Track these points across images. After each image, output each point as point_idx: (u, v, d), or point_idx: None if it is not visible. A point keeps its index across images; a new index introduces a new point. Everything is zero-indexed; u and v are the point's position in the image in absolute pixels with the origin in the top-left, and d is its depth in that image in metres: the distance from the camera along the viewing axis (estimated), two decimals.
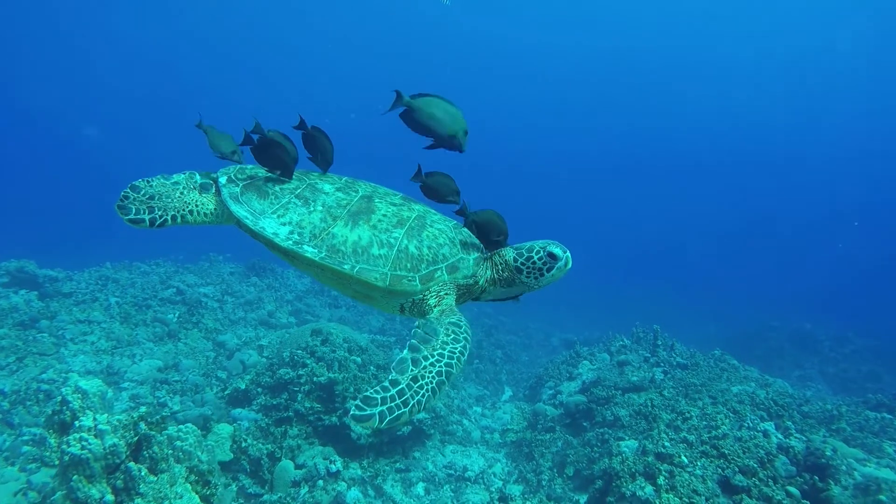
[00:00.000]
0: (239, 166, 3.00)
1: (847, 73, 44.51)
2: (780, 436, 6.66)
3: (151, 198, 2.79)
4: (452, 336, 2.52)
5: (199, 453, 4.17)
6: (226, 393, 7.42)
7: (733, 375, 9.21)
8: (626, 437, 6.98)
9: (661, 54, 47.59)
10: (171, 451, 3.93)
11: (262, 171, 2.92)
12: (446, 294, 2.72)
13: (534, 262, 2.75)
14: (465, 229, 2.89)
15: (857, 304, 23.24)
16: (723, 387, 8.44)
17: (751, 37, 44.23)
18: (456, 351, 2.47)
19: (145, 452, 3.80)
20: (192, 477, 4.06)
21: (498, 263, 2.86)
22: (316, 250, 2.57)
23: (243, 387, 7.25)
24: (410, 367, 2.35)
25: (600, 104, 53.33)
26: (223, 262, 14.55)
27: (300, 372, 7.14)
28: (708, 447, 5.91)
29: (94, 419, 3.73)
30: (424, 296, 2.68)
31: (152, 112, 48.69)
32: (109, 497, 3.53)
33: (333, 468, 6.16)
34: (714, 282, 31.07)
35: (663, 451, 5.75)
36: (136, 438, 3.81)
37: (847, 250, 39.25)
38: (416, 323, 2.59)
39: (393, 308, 2.82)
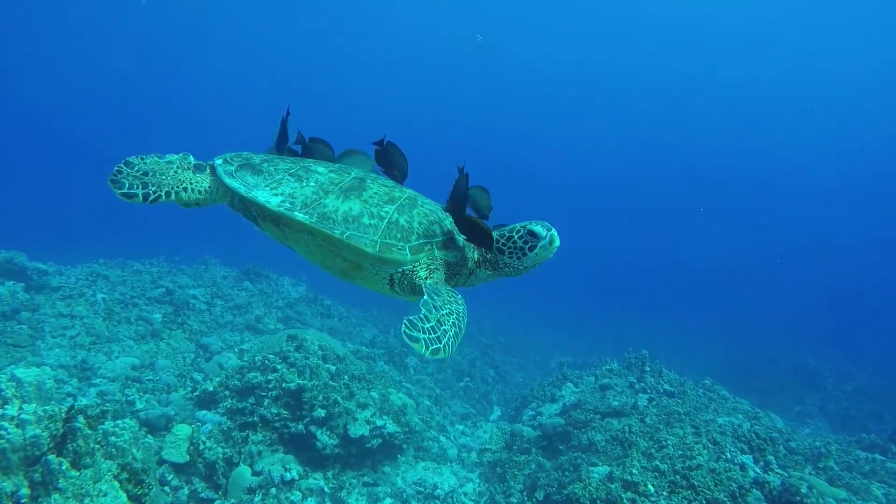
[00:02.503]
0: (234, 152, 3.10)
1: (849, 94, 44.29)
2: (758, 470, 6.41)
3: (145, 174, 2.83)
4: (454, 298, 2.59)
5: (135, 451, 4.04)
6: (194, 394, 7.29)
7: (722, 406, 8.93)
8: (600, 463, 6.74)
9: (662, 72, 47.93)
10: (98, 446, 3.80)
11: (256, 157, 3.02)
12: (436, 269, 2.75)
13: (514, 242, 2.75)
14: None
15: (863, 340, 22.68)
16: (708, 417, 8.18)
17: (754, 56, 44.38)
18: (461, 311, 2.54)
19: (69, 446, 3.68)
20: (124, 475, 3.92)
21: None
22: (307, 216, 2.61)
23: (211, 389, 7.13)
24: (433, 310, 2.41)
25: (602, 124, 53.62)
26: (218, 266, 14.52)
27: (269, 377, 7.01)
28: (679, 477, 5.68)
29: (21, 408, 3.62)
30: (414, 267, 2.69)
31: (152, 105, 49.44)
32: (25, 490, 3.41)
33: (288, 476, 6.00)
34: (719, 309, 30.57)
35: (630, 478, 5.54)
36: (61, 431, 3.69)
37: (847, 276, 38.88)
38: (423, 283, 2.64)
39: (382, 280, 2.81)
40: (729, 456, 6.71)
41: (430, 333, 2.28)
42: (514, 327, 22.48)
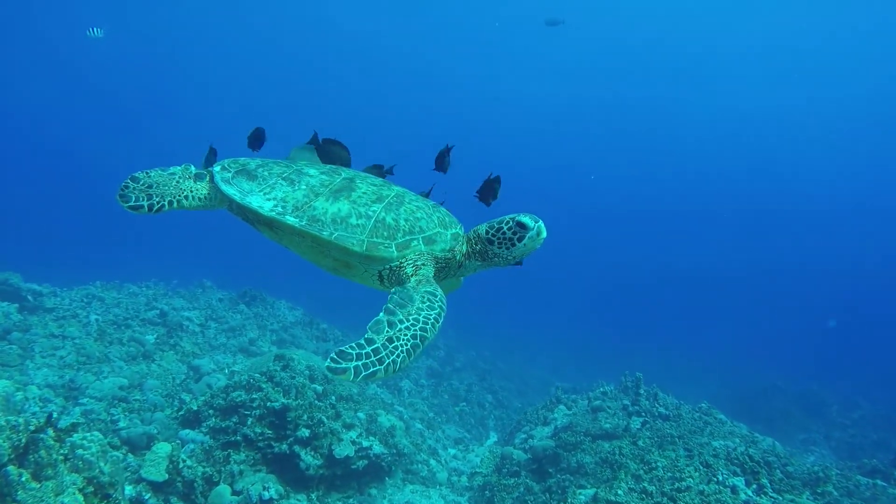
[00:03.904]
0: (232, 158, 3.27)
1: (853, 126, 44.62)
2: (750, 493, 6.24)
3: (150, 186, 3.02)
4: (427, 303, 2.60)
5: (102, 464, 3.98)
6: (179, 413, 7.23)
7: (718, 430, 8.77)
8: (588, 486, 6.60)
9: (660, 101, 48.30)
10: (62, 458, 3.75)
11: (252, 163, 3.17)
12: (423, 265, 2.85)
13: (503, 233, 2.83)
14: (443, 208, 3.12)
15: (868, 368, 22.32)
16: (703, 440, 8.01)
17: (751, 86, 44.99)
18: (430, 317, 2.54)
19: (31, 457, 3.63)
20: (89, 488, 3.86)
21: (472, 238, 3.00)
22: (297, 220, 2.75)
23: (195, 408, 7.07)
24: (386, 328, 2.43)
25: (601, 152, 53.98)
26: (215, 289, 14.53)
27: (254, 396, 6.94)
28: (666, 499, 5.54)
29: None
30: (401, 263, 2.80)
31: (149, 119, 49.99)
32: None
33: (266, 495, 5.89)
34: (722, 336, 30.25)
35: (614, 499, 5.42)
36: (24, 442, 3.65)
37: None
38: (393, 290, 2.69)
39: (372, 277, 2.93)
40: (720, 478, 6.54)
41: (368, 357, 2.28)
42: (515, 354, 22.30)
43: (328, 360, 2.24)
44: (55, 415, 4.09)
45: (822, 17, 37.42)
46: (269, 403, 6.85)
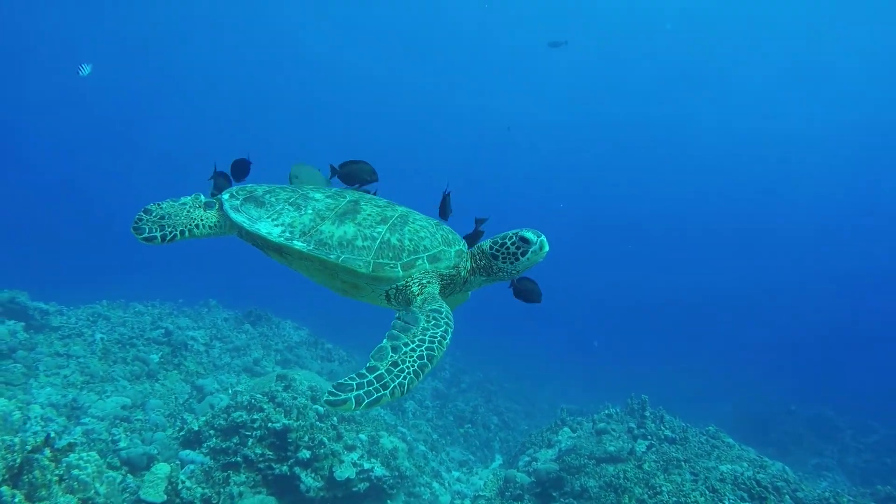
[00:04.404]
0: (239, 185, 3.38)
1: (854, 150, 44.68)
2: None
3: (162, 217, 3.16)
4: (433, 322, 2.62)
5: (98, 485, 3.97)
6: (180, 434, 7.20)
7: (725, 454, 8.60)
8: None
9: (671, 118, 48.49)
10: (56, 478, 3.73)
11: (259, 189, 3.26)
12: (429, 282, 2.90)
13: (507, 248, 2.92)
14: (447, 226, 3.20)
15: (882, 391, 21.89)
16: (710, 464, 7.88)
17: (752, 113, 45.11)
18: (437, 335, 2.56)
19: (25, 477, 3.61)
20: None
21: (476, 254, 3.09)
22: (305, 244, 2.82)
23: (196, 428, 7.03)
24: (390, 353, 2.44)
25: (609, 171, 54.18)
26: (220, 308, 14.56)
27: (255, 416, 6.91)
28: None
29: None
30: (407, 283, 2.85)
31: (150, 138, 50.58)
32: None
33: None
34: (732, 359, 29.84)
35: None
36: (19, 462, 3.64)
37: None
38: (397, 314, 2.71)
39: (379, 297, 3.00)
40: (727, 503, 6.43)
41: (371, 385, 2.27)
42: (523, 375, 22.11)
43: (326, 394, 2.24)
44: (52, 434, 4.08)
45: (824, 33, 37.61)
46: (270, 424, 6.81)
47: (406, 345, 2.48)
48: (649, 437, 8.91)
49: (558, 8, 40.42)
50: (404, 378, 2.33)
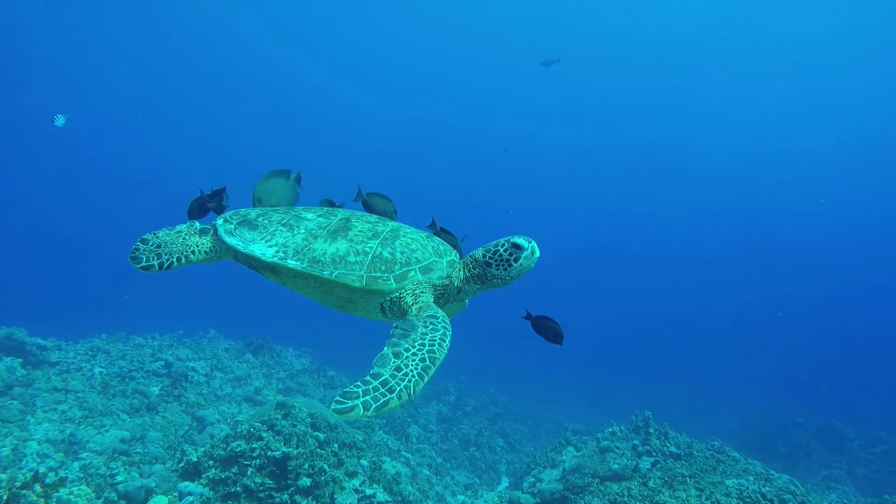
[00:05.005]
0: (233, 210, 3.45)
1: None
2: None
3: (158, 246, 3.24)
4: (431, 327, 2.67)
5: None
6: (179, 465, 7.13)
7: (731, 468, 8.49)
8: None
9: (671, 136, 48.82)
10: None
11: (252, 213, 3.35)
12: (422, 293, 2.96)
13: (500, 255, 2.98)
14: (437, 238, 3.27)
15: (891, 402, 21.67)
16: (716, 479, 7.78)
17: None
18: (436, 338, 2.61)
19: None
20: None
21: (468, 262, 3.14)
22: (298, 263, 2.89)
23: (195, 459, 6.97)
24: (392, 359, 2.47)
25: (608, 191, 54.36)
26: (221, 338, 14.51)
27: (254, 445, 6.85)
28: None
29: None
30: (401, 294, 2.91)
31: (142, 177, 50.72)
32: None
33: None
34: (740, 372, 29.62)
35: None
36: (5, 498, 3.62)
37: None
38: (395, 324, 2.74)
39: (374, 310, 3.06)
40: None
41: (376, 390, 2.29)
42: (528, 396, 21.95)
43: (333, 402, 2.24)
44: (43, 470, 4.05)
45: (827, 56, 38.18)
46: (269, 452, 6.76)
47: (407, 350, 2.51)
48: (654, 453, 8.82)
49: (554, 25, 41.11)
50: (409, 381, 2.36)
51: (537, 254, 2.99)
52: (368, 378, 2.36)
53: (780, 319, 40.14)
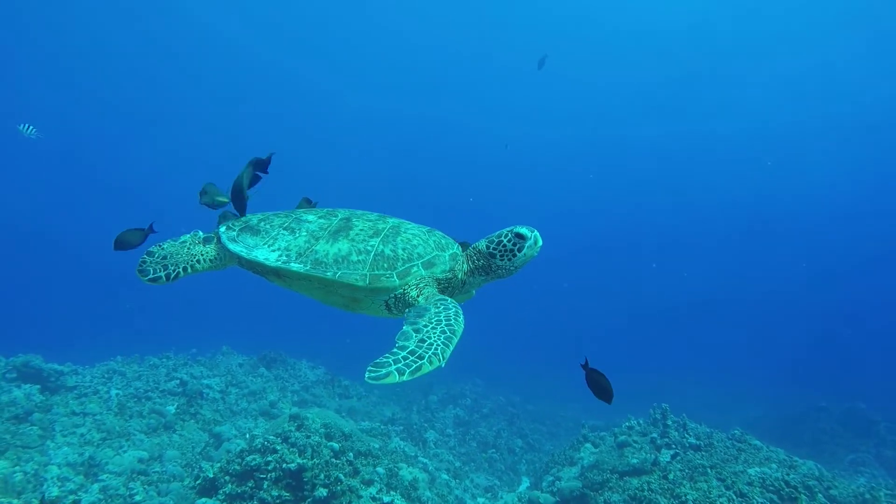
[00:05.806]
0: (236, 218, 3.50)
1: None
2: None
3: (165, 258, 3.29)
4: (442, 307, 2.72)
5: None
6: (197, 482, 7.14)
7: (753, 456, 8.38)
8: None
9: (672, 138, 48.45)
10: None
11: (254, 219, 3.39)
12: (426, 286, 2.97)
13: (504, 245, 3.00)
14: (439, 232, 3.26)
15: None
16: (738, 468, 7.67)
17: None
18: (451, 314, 2.66)
19: None
20: None
21: (472, 255, 3.15)
22: (301, 265, 2.92)
23: (211, 475, 6.97)
24: (413, 334, 2.51)
25: (628, 185, 53.96)
26: (234, 354, 14.56)
27: (269, 458, 6.85)
28: None
29: None
30: (405, 290, 2.93)
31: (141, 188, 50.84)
32: None
33: None
34: (761, 360, 29.27)
35: None
36: None
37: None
38: (408, 310, 2.79)
39: (380, 307, 3.08)
40: None
41: (405, 360, 2.34)
42: (545, 395, 21.80)
43: (366, 371, 2.27)
44: (56, 493, 4.05)
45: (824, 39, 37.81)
46: (284, 465, 6.74)
47: (426, 325, 2.56)
48: (673, 445, 8.72)
49: (553, 23, 41.07)
50: (437, 349, 2.42)
51: (540, 243, 3.01)
52: (395, 350, 2.40)
53: (799, 305, 39.75)
